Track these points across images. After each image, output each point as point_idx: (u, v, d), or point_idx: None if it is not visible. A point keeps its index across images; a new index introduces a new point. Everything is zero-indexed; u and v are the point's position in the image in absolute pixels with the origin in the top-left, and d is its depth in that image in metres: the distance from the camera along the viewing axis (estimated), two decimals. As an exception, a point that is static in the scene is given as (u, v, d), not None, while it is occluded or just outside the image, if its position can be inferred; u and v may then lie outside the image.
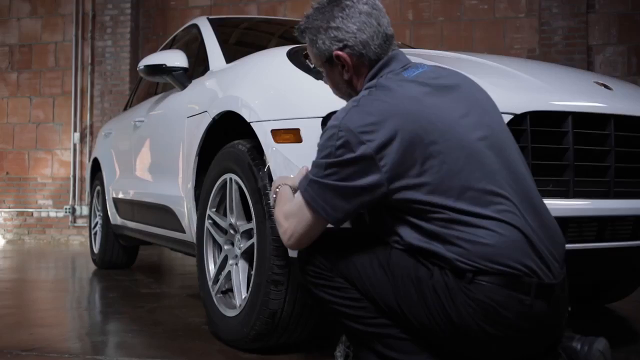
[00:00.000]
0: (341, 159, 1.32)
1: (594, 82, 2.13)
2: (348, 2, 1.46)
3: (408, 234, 1.33)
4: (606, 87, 2.09)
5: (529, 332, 1.30)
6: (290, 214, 1.45)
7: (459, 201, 1.29)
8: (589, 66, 6.18)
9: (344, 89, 1.54)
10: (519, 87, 1.96)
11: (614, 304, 3.04)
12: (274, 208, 1.61)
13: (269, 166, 1.94)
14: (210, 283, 2.30)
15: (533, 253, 1.29)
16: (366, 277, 1.39)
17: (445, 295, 1.29)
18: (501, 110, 1.60)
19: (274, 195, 1.63)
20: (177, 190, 2.78)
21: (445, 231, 1.29)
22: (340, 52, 1.46)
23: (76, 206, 7.59)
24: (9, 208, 7.86)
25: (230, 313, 2.15)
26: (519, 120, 1.79)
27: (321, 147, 1.38)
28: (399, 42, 2.70)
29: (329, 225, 1.44)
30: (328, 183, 1.34)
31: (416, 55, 1.93)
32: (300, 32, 1.57)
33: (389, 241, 1.39)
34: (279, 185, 1.63)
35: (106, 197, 4.33)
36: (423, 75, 1.41)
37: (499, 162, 1.35)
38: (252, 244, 2.06)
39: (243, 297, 2.10)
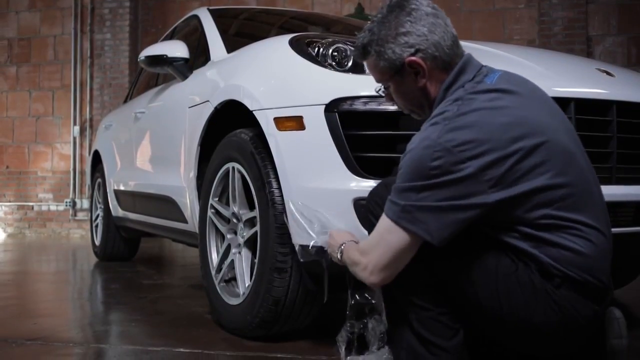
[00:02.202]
0: (440, 180, 1.25)
1: (596, 68, 2.14)
2: (413, 6, 1.40)
3: (498, 232, 1.31)
4: (608, 73, 2.10)
5: (586, 335, 1.34)
6: (370, 246, 1.36)
7: (562, 207, 1.27)
8: (588, 57, 6.16)
9: (417, 97, 1.45)
10: (522, 73, 1.94)
11: (615, 292, 3.04)
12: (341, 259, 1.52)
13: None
14: (213, 272, 2.30)
15: (609, 261, 1.32)
16: (436, 253, 1.34)
17: (528, 292, 1.28)
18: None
19: (339, 253, 1.52)
20: (179, 181, 2.78)
21: (543, 235, 1.27)
22: (413, 58, 1.39)
23: (76, 199, 7.58)
24: (10, 202, 7.86)
25: (234, 301, 2.15)
26: (521, 107, 1.79)
27: (410, 169, 1.29)
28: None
29: None
30: (427, 205, 1.26)
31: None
32: (361, 48, 1.47)
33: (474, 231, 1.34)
34: (342, 243, 1.53)
35: (107, 189, 4.33)
36: (502, 80, 1.37)
37: (586, 164, 1.35)
38: (255, 232, 2.07)
39: (246, 285, 2.11)
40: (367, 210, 1.52)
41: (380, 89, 1.55)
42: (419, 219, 1.27)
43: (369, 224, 1.49)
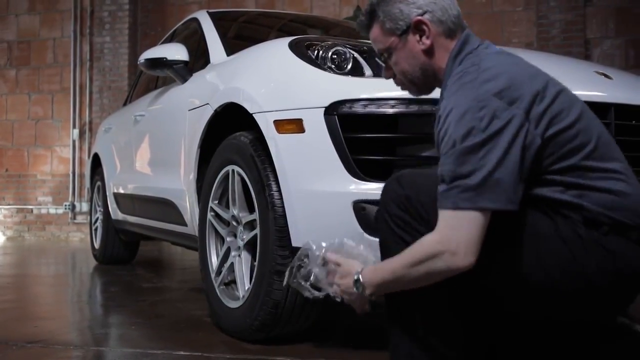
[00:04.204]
0: (494, 130, 1.21)
1: (594, 71, 2.14)
2: None
3: (539, 189, 1.28)
4: (606, 76, 2.10)
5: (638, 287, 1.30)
6: (447, 231, 1.23)
7: (596, 149, 1.28)
8: (586, 59, 6.17)
9: (421, 62, 1.44)
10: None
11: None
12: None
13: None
14: (212, 275, 2.30)
15: None
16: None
17: (577, 246, 1.23)
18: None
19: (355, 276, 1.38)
20: (179, 184, 2.78)
21: (584, 182, 1.26)
22: (421, 17, 1.40)
23: (76, 203, 7.58)
24: (9, 205, 7.86)
25: (233, 304, 2.16)
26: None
27: (460, 126, 1.24)
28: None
29: None
30: (491, 169, 1.20)
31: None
32: (369, 12, 1.47)
33: None
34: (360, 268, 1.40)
35: (107, 192, 4.33)
36: (504, 50, 1.44)
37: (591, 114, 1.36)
38: (255, 235, 2.07)
39: (246, 288, 2.11)
40: (382, 208, 1.41)
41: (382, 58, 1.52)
42: (495, 191, 1.20)
43: (383, 222, 1.40)
